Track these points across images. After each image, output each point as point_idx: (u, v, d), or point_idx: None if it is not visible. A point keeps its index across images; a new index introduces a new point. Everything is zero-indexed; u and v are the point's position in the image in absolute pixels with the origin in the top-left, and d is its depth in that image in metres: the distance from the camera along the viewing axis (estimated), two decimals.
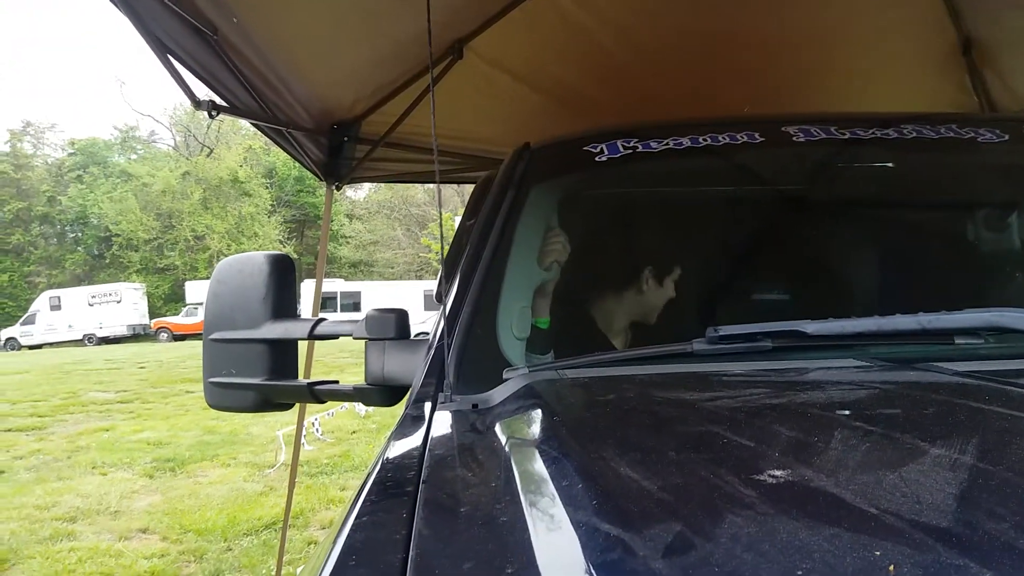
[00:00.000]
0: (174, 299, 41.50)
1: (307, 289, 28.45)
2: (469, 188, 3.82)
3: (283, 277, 1.64)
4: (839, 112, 2.26)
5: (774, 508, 0.74)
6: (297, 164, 3.87)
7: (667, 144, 1.89)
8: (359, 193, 46.46)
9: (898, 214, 2.15)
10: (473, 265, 1.65)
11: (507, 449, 1.06)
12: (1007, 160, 1.96)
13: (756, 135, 1.91)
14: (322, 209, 4.61)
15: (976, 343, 1.25)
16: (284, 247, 43.42)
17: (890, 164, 1.99)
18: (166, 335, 34.43)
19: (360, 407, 10.89)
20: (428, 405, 1.27)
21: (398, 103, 3.73)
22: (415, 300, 33.21)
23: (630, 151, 1.87)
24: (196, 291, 34.77)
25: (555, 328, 1.73)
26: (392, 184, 34.30)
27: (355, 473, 8.06)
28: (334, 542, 0.78)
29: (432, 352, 1.44)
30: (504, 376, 1.37)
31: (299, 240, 46.93)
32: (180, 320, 35.11)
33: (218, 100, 2.64)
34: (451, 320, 1.52)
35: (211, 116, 2.48)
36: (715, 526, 0.71)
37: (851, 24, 3.47)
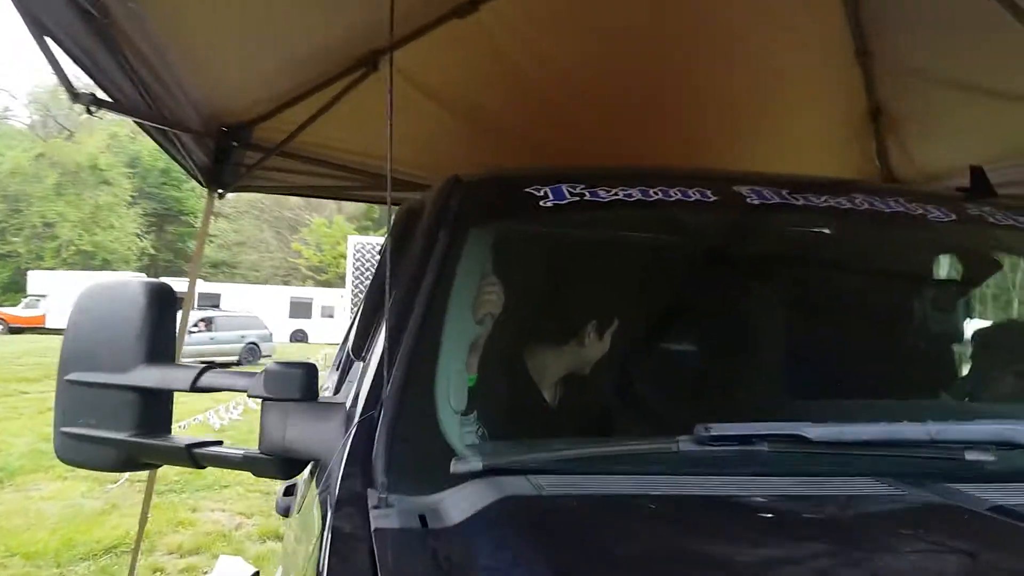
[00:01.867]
0: (14, 288, 38.41)
1: None
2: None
3: (163, 311, 1.38)
4: (786, 174, 2.21)
5: None
6: (164, 155, 3.58)
7: (616, 195, 1.75)
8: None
9: (845, 284, 2.10)
10: (404, 317, 1.41)
11: None
12: (957, 241, 1.95)
13: (708, 193, 1.80)
14: (186, 203, 4.30)
15: (986, 459, 1.15)
16: (142, 241, 41.87)
17: (844, 236, 1.93)
18: (1, 327, 31.76)
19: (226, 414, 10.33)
20: (356, 514, 1.01)
21: (297, 112, 3.50)
22: (281, 306, 32.40)
23: (577, 198, 1.72)
24: (39, 281, 32.30)
25: (491, 389, 1.52)
26: None
27: (208, 492, 7.52)
28: None
29: (355, 430, 1.19)
30: (452, 469, 1.12)
31: (158, 235, 44.67)
32: (18, 312, 32.27)
33: (99, 93, 2.32)
34: (376, 387, 1.28)
35: (89, 112, 2.16)
36: None
37: (778, 86, 3.54)
